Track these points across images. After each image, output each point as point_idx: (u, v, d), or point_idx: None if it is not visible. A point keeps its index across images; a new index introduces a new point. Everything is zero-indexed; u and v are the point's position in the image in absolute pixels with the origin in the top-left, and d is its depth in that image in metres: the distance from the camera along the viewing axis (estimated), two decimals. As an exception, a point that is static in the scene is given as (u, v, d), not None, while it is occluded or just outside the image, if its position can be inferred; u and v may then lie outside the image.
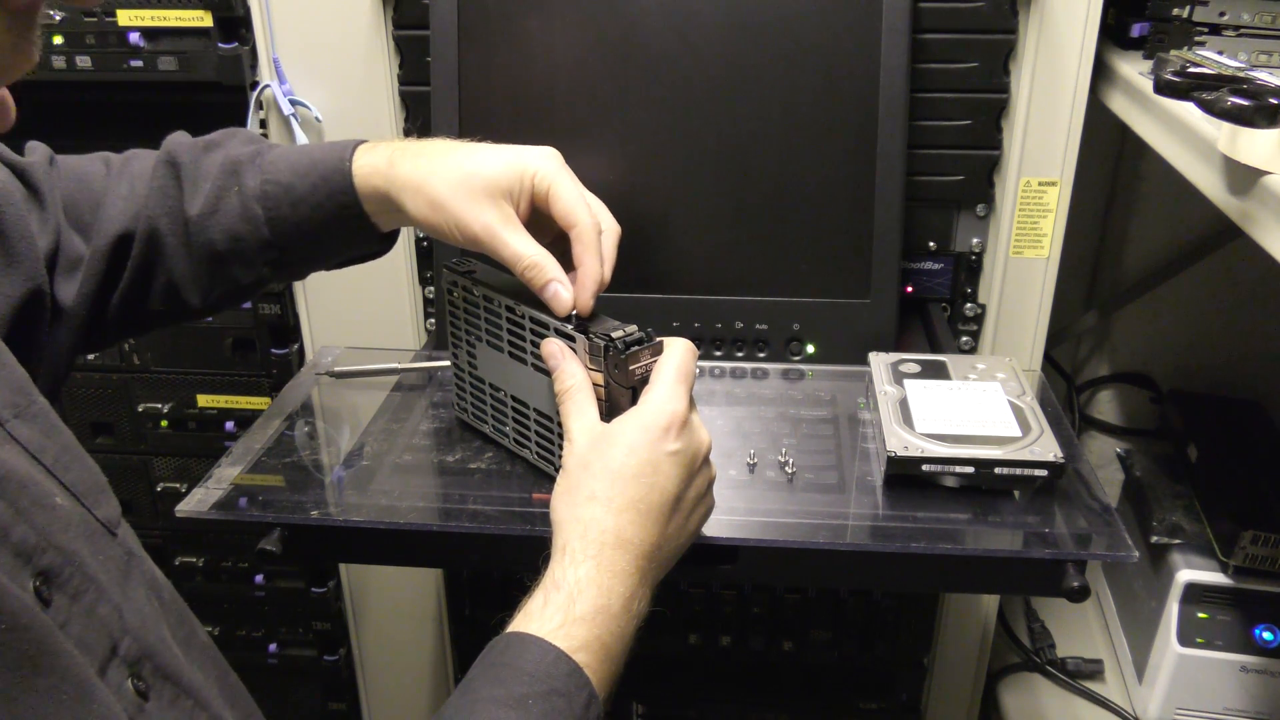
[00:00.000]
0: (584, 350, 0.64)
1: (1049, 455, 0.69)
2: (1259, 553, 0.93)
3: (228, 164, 0.69)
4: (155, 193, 0.68)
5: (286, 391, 0.88)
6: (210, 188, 0.68)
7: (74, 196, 0.67)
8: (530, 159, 0.66)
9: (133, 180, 0.69)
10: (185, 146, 0.70)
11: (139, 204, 0.67)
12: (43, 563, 0.44)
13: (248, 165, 0.68)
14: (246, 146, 0.70)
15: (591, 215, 0.65)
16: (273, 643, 1.26)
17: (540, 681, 0.51)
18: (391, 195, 0.66)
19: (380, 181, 0.66)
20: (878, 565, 0.70)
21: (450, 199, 0.64)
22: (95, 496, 0.51)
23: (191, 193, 0.68)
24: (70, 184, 0.68)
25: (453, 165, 0.65)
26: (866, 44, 0.86)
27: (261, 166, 0.68)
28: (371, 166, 0.67)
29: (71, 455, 0.51)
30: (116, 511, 0.53)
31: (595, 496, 0.58)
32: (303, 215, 0.67)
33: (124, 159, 0.71)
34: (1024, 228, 0.96)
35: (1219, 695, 0.98)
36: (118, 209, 0.67)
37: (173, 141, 0.70)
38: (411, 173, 0.65)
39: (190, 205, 0.68)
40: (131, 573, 0.51)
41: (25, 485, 0.45)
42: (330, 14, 0.94)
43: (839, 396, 0.87)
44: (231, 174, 0.68)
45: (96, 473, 0.53)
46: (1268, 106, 0.55)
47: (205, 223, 0.67)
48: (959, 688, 1.16)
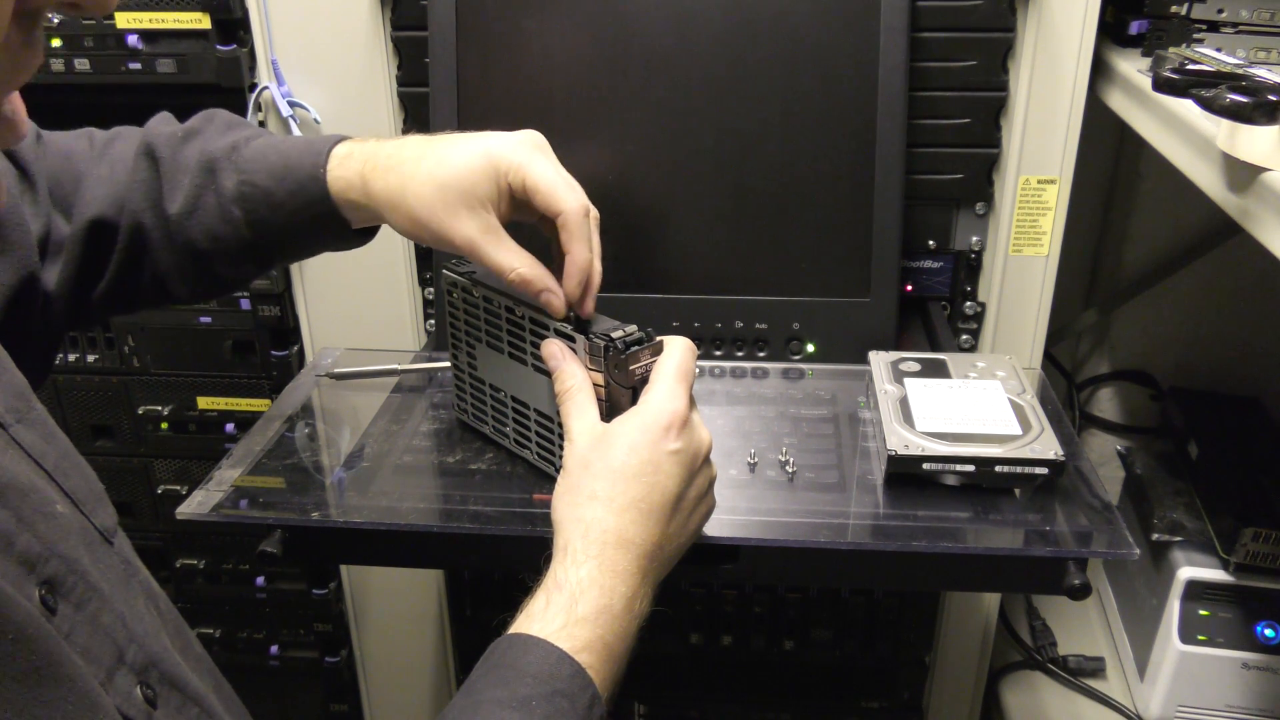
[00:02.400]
0: (584, 350, 0.64)
1: (1049, 453, 0.69)
2: (1260, 549, 0.93)
3: (204, 160, 0.68)
4: (137, 185, 0.68)
5: (286, 393, 0.88)
6: (188, 185, 0.67)
7: (58, 175, 0.67)
8: (501, 155, 0.63)
9: (113, 164, 0.68)
10: (164, 137, 0.69)
11: (120, 191, 0.67)
12: (47, 571, 0.44)
13: (224, 162, 0.68)
14: (222, 138, 0.69)
15: (577, 199, 0.64)
16: (274, 644, 1.26)
17: (544, 683, 0.51)
18: (371, 209, 0.66)
19: (357, 196, 0.66)
20: (879, 564, 0.70)
21: (429, 216, 0.63)
22: (93, 504, 0.51)
23: (170, 189, 0.68)
24: (56, 161, 0.67)
25: (425, 177, 0.63)
26: (865, 43, 0.86)
27: (237, 164, 0.67)
28: (346, 182, 0.66)
29: (70, 462, 0.52)
30: (113, 520, 0.53)
31: (596, 496, 0.58)
32: (283, 219, 0.67)
33: (107, 138, 0.70)
34: (1023, 226, 0.96)
35: (1221, 692, 0.98)
36: (96, 192, 0.67)
37: (153, 129, 0.70)
38: (385, 190, 0.65)
39: (170, 203, 0.67)
40: (130, 581, 0.51)
41: (28, 493, 0.45)
42: (328, 16, 0.94)
43: (839, 395, 0.87)
44: (208, 172, 0.68)
45: (94, 480, 0.53)
46: (1266, 103, 0.55)
47: (185, 222, 0.67)
48: (960, 686, 1.16)
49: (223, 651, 1.27)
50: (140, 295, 0.70)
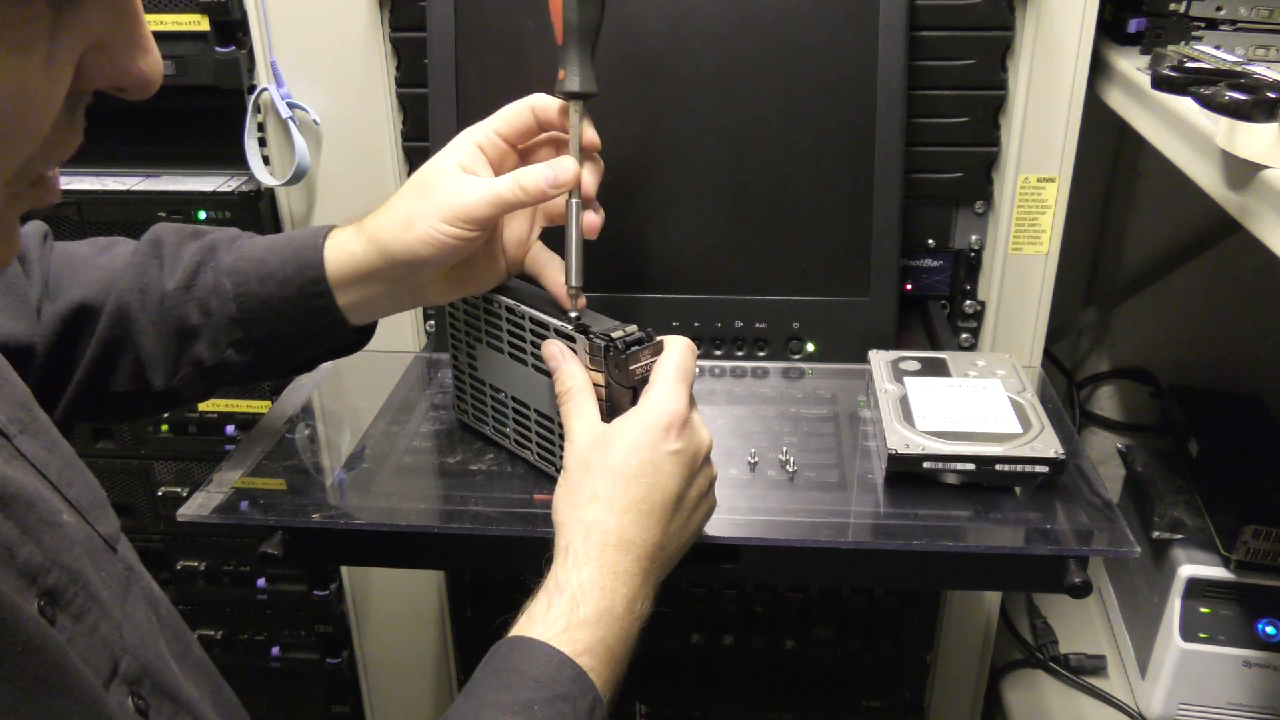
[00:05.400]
0: (584, 351, 0.64)
1: (1050, 451, 0.69)
2: (1261, 547, 0.93)
3: (208, 244, 0.69)
4: (132, 269, 0.67)
5: (287, 395, 0.88)
6: (188, 264, 0.67)
7: (58, 272, 0.67)
8: (465, 132, 0.66)
9: (111, 257, 0.68)
10: (171, 231, 0.70)
11: (113, 277, 0.67)
12: (47, 583, 0.44)
13: (226, 245, 0.68)
14: (230, 233, 0.70)
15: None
16: (275, 646, 1.26)
17: (545, 687, 0.51)
18: (373, 250, 0.65)
19: (357, 248, 0.65)
20: (880, 563, 0.70)
21: (431, 194, 0.63)
22: (97, 512, 0.51)
23: (171, 269, 0.67)
24: (58, 260, 0.68)
25: (411, 183, 0.65)
26: (864, 41, 0.86)
27: (239, 246, 0.68)
28: (344, 235, 0.66)
29: (73, 470, 0.52)
30: (116, 527, 0.53)
31: (597, 497, 0.58)
32: (269, 291, 0.66)
33: (111, 240, 0.71)
34: (1023, 224, 0.96)
35: (1222, 690, 0.98)
36: (86, 278, 0.67)
37: (160, 227, 0.70)
38: (385, 218, 0.65)
39: (168, 281, 0.67)
40: (131, 589, 0.52)
41: (33, 503, 0.45)
42: (327, 17, 0.94)
43: (839, 395, 0.87)
44: (209, 250, 0.68)
45: (97, 488, 0.53)
46: (1265, 101, 0.55)
47: (180, 297, 0.67)
48: (962, 685, 1.16)
49: (224, 653, 1.27)
50: (115, 386, 0.67)
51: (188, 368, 0.67)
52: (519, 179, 0.63)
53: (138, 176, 1.08)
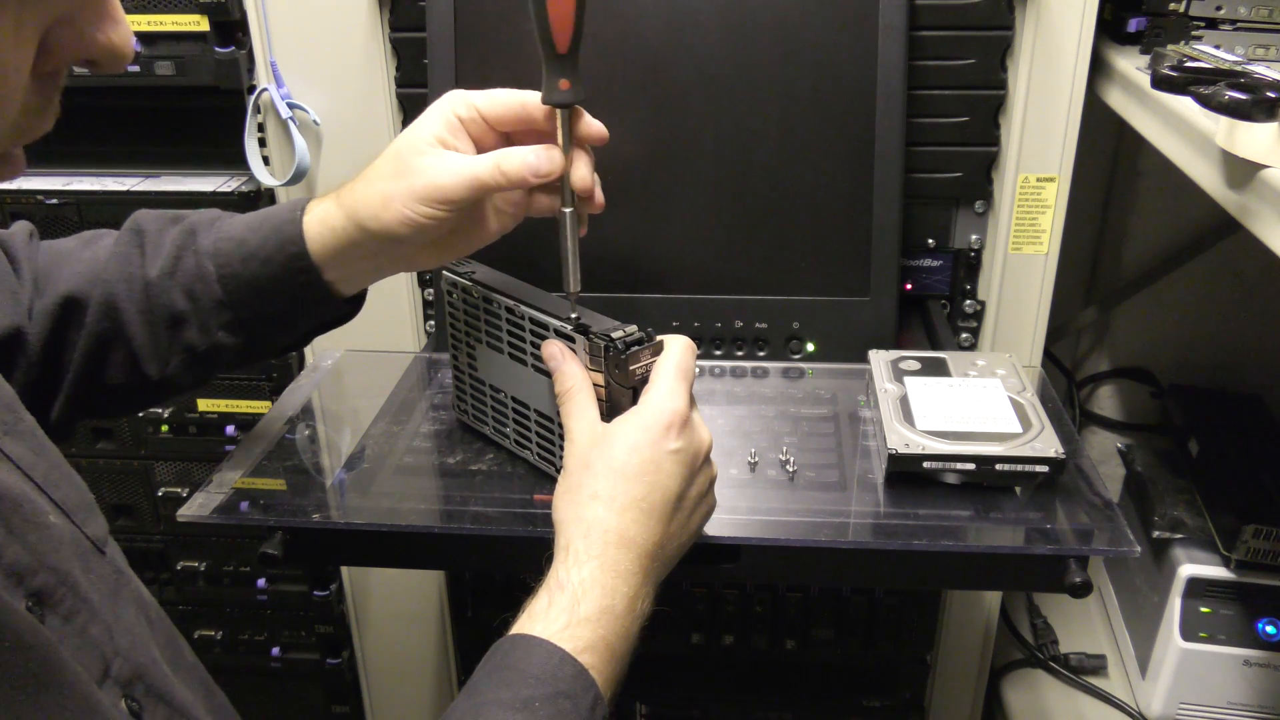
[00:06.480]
0: (584, 351, 0.64)
1: (1050, 451, 0.69)
2: (1261, 546, 0.93)
3: (188, 227, 0.68)
4: (116, 259, 0.67)
5: (287, 395, 0.87)
6: (169, 250, 0.67)
7: (45, 268, 0.67)
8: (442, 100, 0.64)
9: (96, 249, 0.68)
10: (152, 217, 0.69)
11: (97, 269, 0.67)
12: (35, 584, 0.44)
13: (205, 227, 0.68)
14: (209, 214, 0.69)
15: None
16: (275, 646, 1.26)
17: (546, 684, 0.51)
18: (353, 223, 0.63)
19: (336, 222, 0.64)
20: (880, 563, 0.70)
21: (409, 172, 0.62)
22: (84, 514, 0.51)
23: (153, 256, 0.67)
24: (45, 256, 0.68)
25: (388, 153, 0.64)
26: (864, 41, 0.86)
27: (219, 227, 0.67)
28: (322, 207, 0.65)
29: (60, 473, 0.52)
30: (104, 529, 0.53)
31: (598, 496, 0.58)
32: (253, 270, 0.65)
33: (96, 233, 0.70)
34: (1023, 224, 0.96)
35: (1222, 690, 0.98)
36: (72, 271, 0.66)
37: (140, 214, 0.70)
38: (362, 191, 0.63)
39: (151, 268, 0.66)
40: (121, 591, 0.51)
41: (19, 504, 0.45)
42: (327, 17, 0.94)
43: (839, 394, 0.87)
44: (190, 234, 0.67)
45: (84, 490, 0.53)
46: (1265, 100, 0.55)
47: (165, 284, 0.66)
48: (962, 684, 1.16)
49: (224, 654, 1.27)
50: (110, 380, 0.67)
51: (180, 355, 0.67)
52: (500, 162, 0.61)
53: (138, 177, 1.08)
